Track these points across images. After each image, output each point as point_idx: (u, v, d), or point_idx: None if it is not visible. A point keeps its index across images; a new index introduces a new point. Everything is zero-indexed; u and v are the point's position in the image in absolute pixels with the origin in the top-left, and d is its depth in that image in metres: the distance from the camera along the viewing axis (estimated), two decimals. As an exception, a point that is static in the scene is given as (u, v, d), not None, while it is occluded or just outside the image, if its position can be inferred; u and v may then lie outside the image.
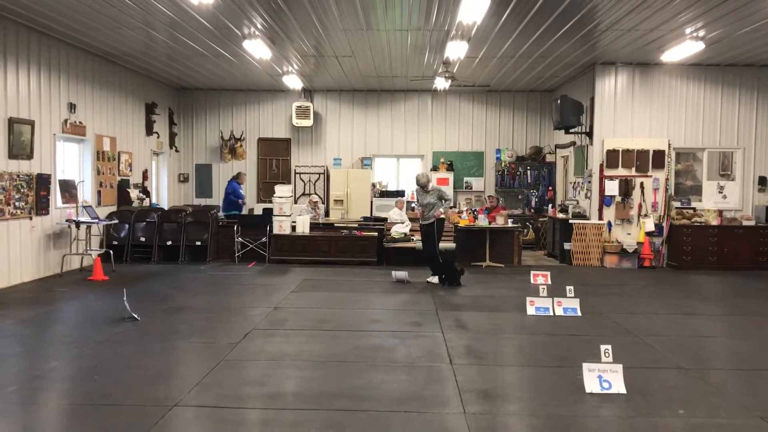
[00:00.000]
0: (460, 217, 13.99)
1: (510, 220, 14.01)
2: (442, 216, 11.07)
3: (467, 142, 17.72)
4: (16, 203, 10.39)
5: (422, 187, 11.14)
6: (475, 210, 14.45)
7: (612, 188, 13.79)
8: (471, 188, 17.65)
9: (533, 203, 17.22)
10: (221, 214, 15.04)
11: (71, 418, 4.80)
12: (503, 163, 17.45)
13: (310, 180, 17.47)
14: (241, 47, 11.97)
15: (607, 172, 13.80)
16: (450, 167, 17.48)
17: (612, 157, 13.76)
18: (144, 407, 4.99)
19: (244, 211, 15.88)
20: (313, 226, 14.01)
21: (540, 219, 16.54)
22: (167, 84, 16.85)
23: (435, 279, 11.00)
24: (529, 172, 17.34)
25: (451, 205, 11.63)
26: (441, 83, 14.97)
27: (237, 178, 15.84)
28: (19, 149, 10.46)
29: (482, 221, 13.48)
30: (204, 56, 13.20)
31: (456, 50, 11.79)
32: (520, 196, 17.40)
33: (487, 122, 17.69)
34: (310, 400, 5.22)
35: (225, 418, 4.82)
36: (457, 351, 6.74)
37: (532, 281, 9.85)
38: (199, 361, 6.28)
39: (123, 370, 5.97)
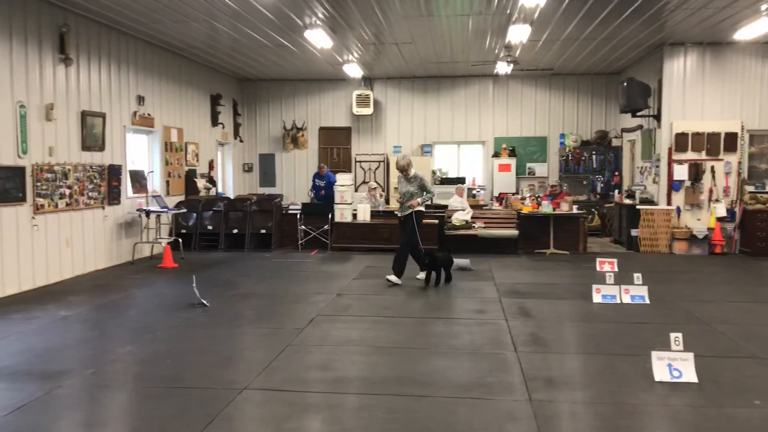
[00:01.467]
0: (522, 203, 13.82)
1: (575, 207, 13.75)
2: (421, 207, 9.87)
3: (530, 128, 17.45)
4: (90, 193, 10.79)
5: (402, 171, 9.94)
6: (539, 196, 14.25)
7: (681, 173, 13.36)
8: (534, 174, 17.39)
9: (598, 189, 16.85)
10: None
11: (146, 400, 4.98)
12: (567, 148, 17.13)
13: (370, 168, 17.53)
14: (303, 37, 12.08)
15: (676, 156, 13.38)
16: (512, 153, 17.26)
17: (681, 141, 13.32)
18: (215, 390, 5.14)
19: (306, 199, 16.09)
20: (374, 213, 14.07)
21: (606, 205, 16.18)
22: (231, 75, 17.17)
23: (394, 278, 9.73)
24: (594, 157, 16.97)
25: (432, 198, 10.25)
26: (503, 68, 14.78)
27: (319, 171, 15.91)
28: (92, 141, 10.85)
29: (546, 208, 13.28)
30: (266, 47, 13.38)
31: (518, 34, 11.60)
32: (584, 182, 17.06)
33: (551, 106, 17.38)
34: (374, 386, 5.27)
35: (292, 401, 4.92)
36: (522, 338, 6.68)
37: (597, 268, 9.67)
38: (266, 346, 6.41)
39: (194, 354, 6.16)
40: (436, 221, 13.48)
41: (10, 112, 8.93)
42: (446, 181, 16.87)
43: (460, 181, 16.51)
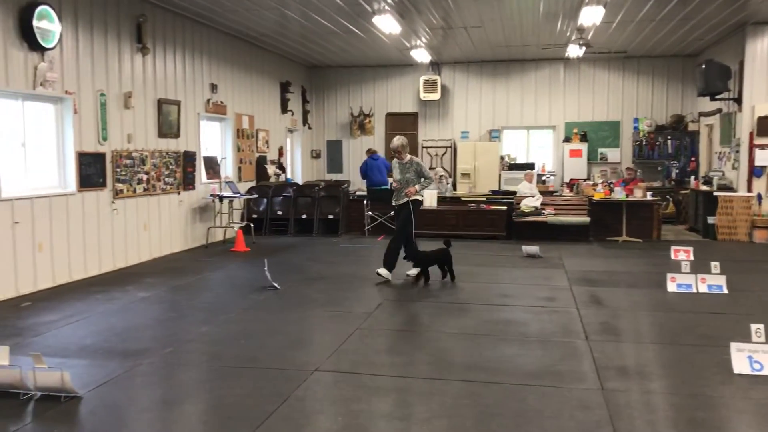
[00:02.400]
0: (594, 189, 13.52)
1: (648, 193, 13.35)
2: (419, 197, 9.15)
3: (602, 112, 17.02)
4: (166, 179, 11.14)
5: (397, 153, 9.10)
6: (611, 182, 13.90)
7: (763, 158, 12.78)
8: (606, 160, 16.96)
9: (674, 175, 16.29)
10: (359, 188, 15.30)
11: (222, 378, 5.14)
12: (641, 133, 16.62)
13: (437, 154, 17.48)
14: (371, 23, 12.09)
15: (758, 141, 12.79)
16: (583, 138, 16.87)
17: (763, 125, 12.72)
18: (287, 371, 5.26)
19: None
20: (441, 200, 14.03)
21: (681, 191, 15.63)
22: (300, 63, 17.37)
23: (384, 272, 8.95)
24: (669, 141, 16.41)
25: (431, 184, 9.41)
26: (574, 51, 14.44)
27: (376, 152, 15.96)
28: (168, 128, 11.19)
29: (618, 194, 12.94)
30: (335, 33, 13.47)
31: (591, 16, 11.29)
32: (659, 168, 16.53)
33: (624, 90, 16.88)
34: (443, 371, 5.28)
35: (362, 384, 4.98)
36: (593, 327, 6.56)
37: (672, 257, 9.37)
38: (335, 329, 6.51)
39: (266, 335, 6.31)
40: (504, 207, 13.34)
41: (91, 100, 9.30)
42: (515, 166, 16.65)
43: (530, 166, 16.25)
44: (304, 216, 14.05)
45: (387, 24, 11.75)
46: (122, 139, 9.98)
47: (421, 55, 15.62)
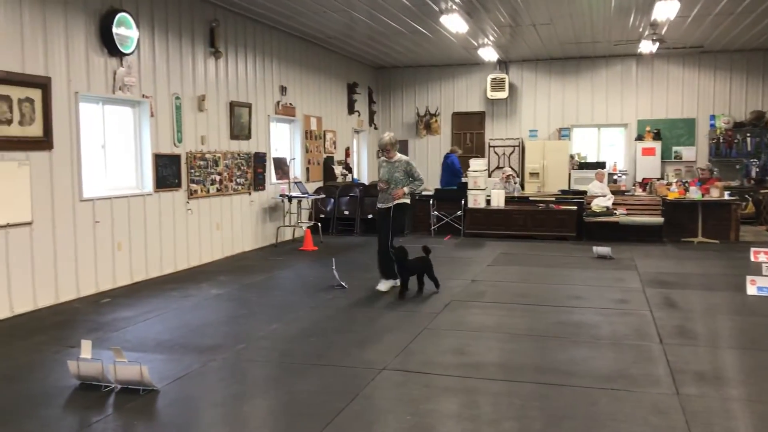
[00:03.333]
0: (668, 189, 13.11)
1: (726, 193, 12.85)
2: (406, 199, 8.31)
3: (676, 109, 16.47)
4: (237, 180, 11.41)
5: (385, 151, 8.33)
6: (686, 182, 13.44)
7: None
8: (680, 158, 16.42)
9: (753, 173, 15.62)
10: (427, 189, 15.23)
11: (292, 375, 5.23)
12: (718, 131, 16.01)
13: (504, 153, 17.29)
14: (438, 22, 12.07)
15: None
16: (657, 136, 16.38)
17: None
18: (355, 369, 5.31)
19: (439, 185, 16.10)
20: (509, 199, 13.87)
21: (761, 191, 14.97)
22: (367, 64, 17.49)
23: (385, 285, 8.23)
24: (748, 139, 15.76)
25: (422, 186, 8.58)
26: (647, 46, 14.03)
27: (453, 152, 15.97)
28: (239, 130, 11.46)
29: (694, 194, 12.50)
30: (401, 34, 13.50)
31: (665, 10, 10.95)
32: (737, 166, 15.89)
33: (700, 86, 16.29)
34: (512, 372, 5.23)
35: (431, 383, 4.98)
36: (668, 330, 6.36)
37: (752, 258, 9.00)
38: (402, 329, 6.52)
39: (334, 333, 6.38)
40: (574, 207, 13.09)
41: (166, 103, 9.61)
42: (585, 165, 16.31)
43: (600, 165, 15.90)
44: (370, 216, 14.13)
45: (454, 23, 11.70)
46: (196, 141, 10.28)
47: (488, 53, 15.49)
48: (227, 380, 5.18)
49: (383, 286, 8.21)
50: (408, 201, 8.39)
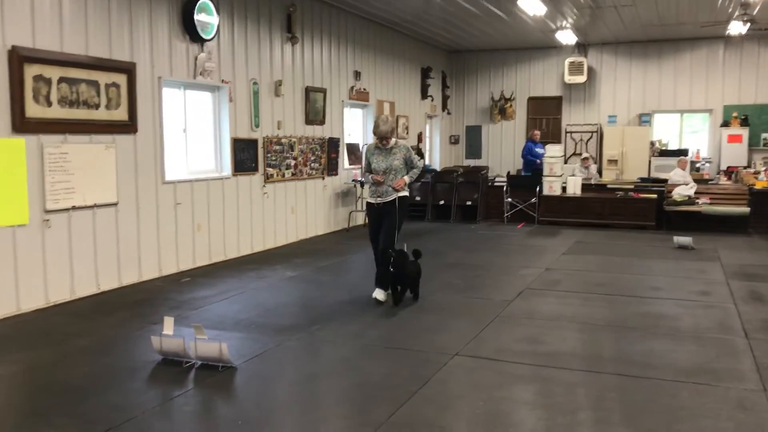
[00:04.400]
0: (756, 178, 12.51)
1: (820, 182, 12.18)
2: (406, 191, 7.14)
3: (766, 94, 15.65)
4: (312, 164, 11.56)
5: (382, 138, 6.97)
6: (776, 170, 12.81)
7: None
8: (769, 146, 15.64)
9: None
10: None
11: (365, 357, 5.28)
12: (812, 117, 15.14)
13: (581, 139, 16.89)
14: (515, 5, 11.83)
15: None
16: (744, 122, 15.61)
17: None
18: (427, 354, 5.32)
19: (512, 171, 15.88)
20: (585, 187, 13.54)
21: None
22: (440, 48, 17.35)
23: (382, 294, 6.94)
24: None
25: (419, 173, 7.33)
26: (737, 28, 13.36)
27: (531, 138, 15.77)
28: (314, 115, 11.58)
29: (784, 183, 11.91)
30: (476, 17, 13.32)
31: (757, -11, 10.41)
32: (832, 155, 15.01)
33: (793, 70, 15.44)
34: (588, 363, 5.12)
35: (503, 370, 4.94)
36: (754, 324, 6.09)
37: None
38: (474, 316, 6.48)
39: (406, 317, 6.39)
40: (654, 196, 12.66)
41: (245, 89, 9.80)
42: (666, 152, 15.74)
43: (683, 153, 15.30)
44: (441, 202, 14.08)
45: (532, 5, 11.45)
46: (272, 126, 10.45)
47: (566, 36, 15.10)
48: (302, 360, 5.27)
49: (381, 295, 6.93)
50: (407, 193, 7.20)
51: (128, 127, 7.76)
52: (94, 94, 7.27)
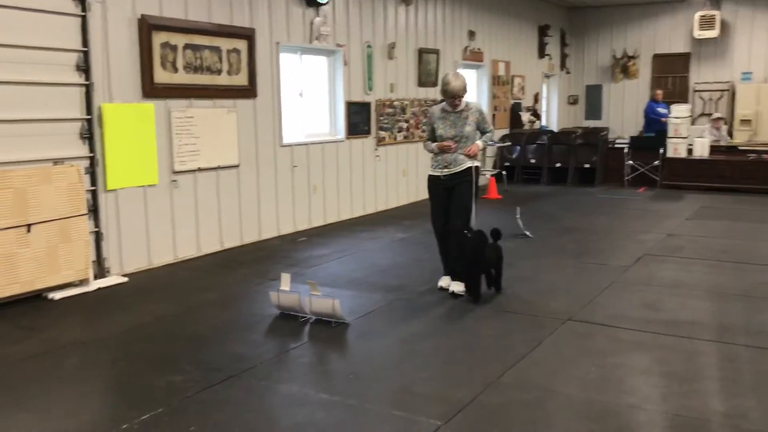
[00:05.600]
0: None
1: None
2: (477, 161, 6.06)
3: None
4: (423, 127, 11.52)
5: (454, 97, 5.81)
6: None
7: None
8: None
9: None
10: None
11: (475, 318, 5.30)
12: None
13: (711, 98, 15.85)
14: (640, -44, 11.18)
15: None
16: None
17: None
18: (538, 317, 5.26)
19: (634, 132, 15.17)
20: (714, 149, 12.74)
21: None
22: (559, 4, 16.70)
23: (460, 286, 5.86)
24: None
25: (493, 139, 6.58)
26: None
27: (653, 97, 15.04)
28: (426, 77, 11.52)
29: None
30: (598, -29, 12.71)
31: None
32: None
33: None
34: (707, 331, 4.89)
35: (618, 337, 4.81)
36: None
37: None
38: (589, 281, 6.32)
39: (517, 282, 6.31)
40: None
41: (358, 52, 9.89)
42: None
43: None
44: (558, 164, 13.69)
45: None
46: (385, 89, 10.51)
47: (696, -12, 14.12)
48: (411, 319, 5.36)
49: (458, 287, 5.87)
50: (479, 162, 6.16)
51: (248, 91, 8.05)
52: (217, 60, 7.58)
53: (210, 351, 4.66)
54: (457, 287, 5.85)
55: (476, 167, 5.94)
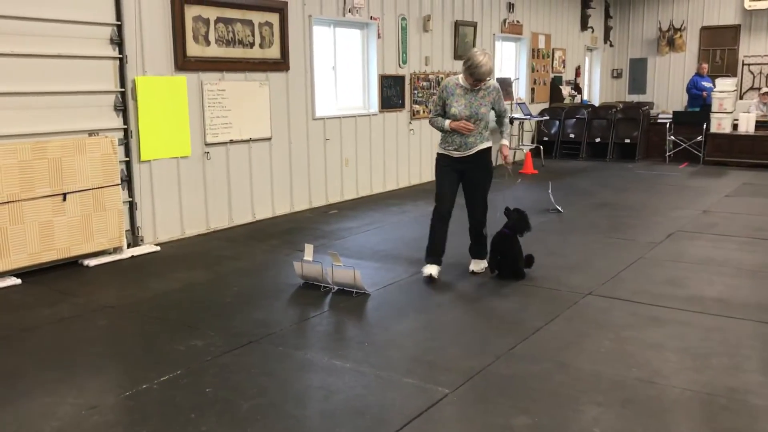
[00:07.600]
0: None
1: None
2: (489, 141, 5.70)
3: None
4: (433, 99, 11.46)
5: (480, 80, 5.38)
6: None
7: None
8: None
9: None
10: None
11: (494, 292, 5.34)
12: None
13: (761, 72, 15.34)
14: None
15: None
16: None
17: None
18: (559, 291, 5.26)
19: (679, 107, 14.78)
20: (760, 124, 12.36)
21: None
22: (603, -25, 16.33)
23: (483, 264, 5.82)
24: None
25: (508, 124, 5.95)
26: None
27: (698, 71, 14.65)
28: (462, 50, 11.39)
29: None
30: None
31: None
32: None
33: None
34: (732, 309, 4.82)
35: (636, 312, 4.78)
36: None
37: None
38: (616, 256, 6.27)
39: (543, 255, 6.27)
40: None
41: (393, 25, 9.86)
42: None
43: None
44: (597, 139, 13.48)
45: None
46: (420, 62, 10.47)
47: (747, -44, 13.61)
48: (432, 290, 5.41)
49: (480, 264, 5.82)
50: (491, 144, 5.75)
51: (280, 65, 8.13)
52: (249, 34, 7.67)
53: (233, 317, 4.81)
54: (477, 266, 5.79)
55: (489, 149, 5.68)
